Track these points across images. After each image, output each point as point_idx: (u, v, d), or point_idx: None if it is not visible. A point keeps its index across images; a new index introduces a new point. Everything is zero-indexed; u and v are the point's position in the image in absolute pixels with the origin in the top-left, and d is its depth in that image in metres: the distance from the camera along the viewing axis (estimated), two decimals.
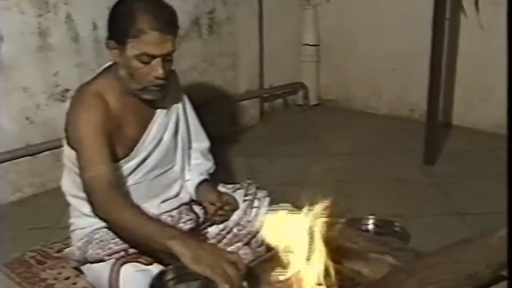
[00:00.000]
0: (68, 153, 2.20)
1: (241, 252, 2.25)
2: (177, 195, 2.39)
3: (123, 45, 2.09)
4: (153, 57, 2.08)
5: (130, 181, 2.25)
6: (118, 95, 2.18)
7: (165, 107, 2.30)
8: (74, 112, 2.13)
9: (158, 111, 2.29)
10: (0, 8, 3.04)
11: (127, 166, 2.22)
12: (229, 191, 2.42)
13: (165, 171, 2.36)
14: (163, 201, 2.34)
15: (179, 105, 2.40)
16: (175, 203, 2.36)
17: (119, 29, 2.09)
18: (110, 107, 2.15)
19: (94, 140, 2.08)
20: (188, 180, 2.44)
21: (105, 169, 2.04)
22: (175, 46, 2.14)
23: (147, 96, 2.17)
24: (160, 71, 2.10)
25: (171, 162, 2.38)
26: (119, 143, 2.18)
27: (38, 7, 3.18)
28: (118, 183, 2.10)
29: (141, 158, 2.25)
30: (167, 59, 2.12)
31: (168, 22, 2.12)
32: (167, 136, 2.31)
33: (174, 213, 2.31)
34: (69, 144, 2.17)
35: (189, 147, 2.47)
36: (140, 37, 2.05)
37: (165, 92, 2.27)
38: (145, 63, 2.08)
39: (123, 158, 2.20)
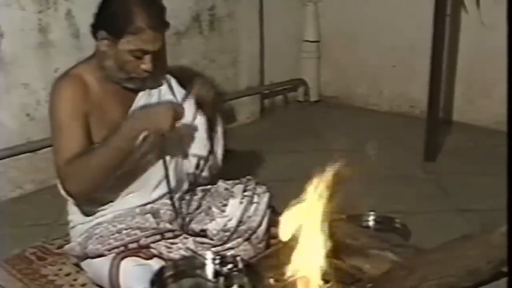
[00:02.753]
0: None
1: (241, 248, 2.25)
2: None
3: (116, 38, 2.12)
4: (147, 52, 2.15)
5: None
6: (99, 80, 2.23)
7: (147, 88, 2.32)
8: (53, 94, 2.19)
9: (140, 93, 2.32)
10: (0, 4, 3.04)
11: None
12: (228, 187, 2.42)
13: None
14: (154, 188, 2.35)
15: (163, 84, 2.42)
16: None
17: (115, 23, 2.14)
18: (89, 89, 2.20)
19: (69, 122, 2.12)
20: None
21: (76, 152, 2.08)
22: (163, 40, 2.24)
23: (131, 85, 2.24)
24: (149, 65, 2.17)
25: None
26: (100, 126, 2.19)
27: (38, 3, 3.18)
28: None
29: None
30: (156, 53, 2.19)
31: (161, 19, 2.19)
32: None
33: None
34: None
35: None
36: (138, 34, 2.11)
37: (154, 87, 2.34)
38: (138, 57, 2.15)
39: None
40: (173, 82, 2.44)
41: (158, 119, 2.08)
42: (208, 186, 2.49)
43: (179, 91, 2.44)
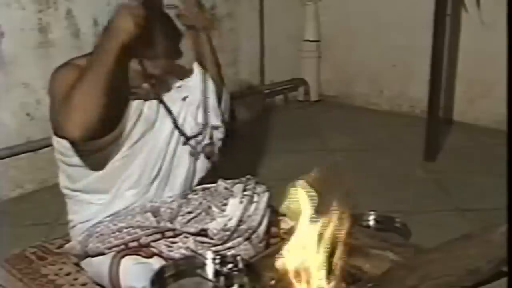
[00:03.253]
0: (56, 145, 2.22)
1: (241, 247, 2.25)
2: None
3: None
4: None
5: (117, 156, 2.26)
6: None
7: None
8: (52, 80, 2.17)
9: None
10: (0, 4, 3.04)
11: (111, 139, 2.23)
12: (228, 186, 2.42)
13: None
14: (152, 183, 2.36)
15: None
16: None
17: None
18: None
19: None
20: None
21: None
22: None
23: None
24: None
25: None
26: None
27: (38, 3, 3.18)
28: None
29: (124, 131, 2.25)
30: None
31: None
32: (147, 108, 2.32)
33: (174, 205, 2.32)
34: (55, 134, 2.18)
35: None
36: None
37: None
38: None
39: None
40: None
41: (121, 22, 2.03)
42: (208, 185, 2.49)
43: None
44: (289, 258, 1.88)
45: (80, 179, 2.29)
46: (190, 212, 2.31)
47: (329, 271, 1.89)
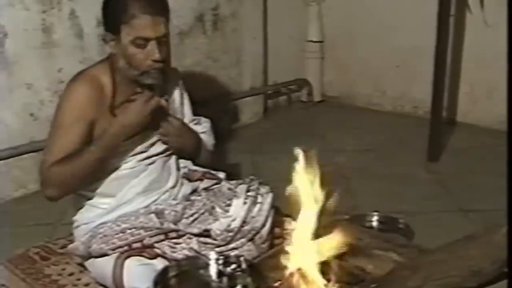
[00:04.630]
0: None
1: (245, 248, 2.25)
2: (173, 187, 2.41)
3: (117, 34, 2.14)
4: (147, 40, 2.12)
5: (126, 165, 2.28)
6: (116, 82, 2.23)
7: (164, 82, 2.29)
8: (66, 91, 2.21)
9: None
10: (4, 4, 3.04)
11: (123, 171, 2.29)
12: (232, 187, 2.43)
13: (162, 162, 2.39)
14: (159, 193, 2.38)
15: (176, 99, 2.48)
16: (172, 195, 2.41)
17: (111, 18, 2.15)
18: (105, 91, 2.21)
19: (69, 126, 2.14)
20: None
21: (60, 151, 2.12)
22: (168, 28, 2.19)
23: (148, 81, 2.21)
24: (156, 54, 2.14)
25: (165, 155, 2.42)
26: None
27: (42, 3, 3.18)
28: None
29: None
30: (162, 41, 2.16)
31: (158, 4, 2.15)
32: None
33: (178, 208, 2.32)
34: None
35: None
36: (132, 22, 2.10)
37: (165, 83, 2.33)
38: (141, 47, 2.13)
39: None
40: (186, 101, 2.52)
41: (134, 116, 2.14)
42: (212, 186, 2.50)
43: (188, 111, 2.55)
44: (292, 259, 1.88)
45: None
46: (194, 213, 2.31)
47: (331, 271, 1.90)
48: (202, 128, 2.56)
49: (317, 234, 1.90)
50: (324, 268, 1.88)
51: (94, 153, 2.12)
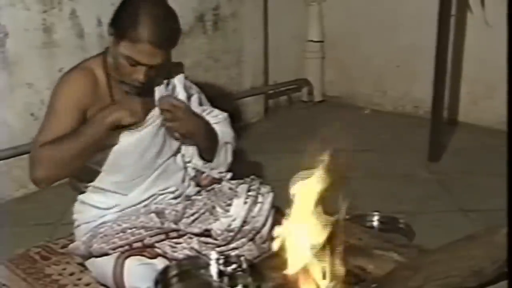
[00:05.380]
0: None
1: (245, 248, 2.25)
2: (176, 189, 2.40)
3: (119, 39, 2.12)
4: (140, 64, 2.11)
5: (127, 161, 2.27)
6: (110, 74, 2.23)
7: (137, 95, 2.24)
8: (59, 82, 2.21)
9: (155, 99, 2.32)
10: (5, 4, 3.05)
11: (123, 143, 2.25)
12: (233, 187, 2.43)
13: (166, 160, 2.37)
14: (161, 193, 2.37)
15: (180, 93, 2.43)
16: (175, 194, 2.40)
17: (120, 24, 2.13)
18: (99, 83, 2.21)
19: (62, 111, 2.14)
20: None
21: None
22: (166, 58, 2.18)
23: (125, 88, 2.21)
24: (140, 77, 2.14)
25: (172, 151, 2.39)
26: None
27: (42, 3, 3.18)
28: None
29: (137, 138, 2.27)
30: (154, 68, 2.15)
31: (166, 37, 2.13)
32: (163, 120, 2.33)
33: (179, 207, 2.32)
34: None
35: None
36: (134, 43, 2.08)
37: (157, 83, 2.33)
38: (131, 64, 2.12)
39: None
40: (178, 85, 2.44)
41: (127, 111, 2.12)
42: (213, 185, 2.49)
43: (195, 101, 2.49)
44: (293, 258, 1.88)
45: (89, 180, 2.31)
46: (194, 213, 2.31)
47: (332, 271, 1.89)
48: (215, 118, 2.51)
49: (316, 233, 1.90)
50: (325, 268, 1.88)
51: (78, 140, 2.08)
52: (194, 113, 2.38)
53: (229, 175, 2.54)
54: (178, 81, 2.43)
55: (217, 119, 2.51)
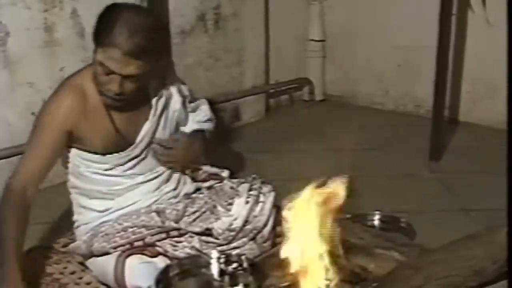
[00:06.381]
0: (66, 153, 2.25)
1: (246, 247, 2.25)
2: (175, 188, 2.41)
3: (96, 46, 2.09)
4: (114, 73, 2.05)
5: (126, 171, 2.28)
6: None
7: (119, 108, 2.21)
8: (48, 100, 2.21)
9: (152, 111, 2.30)
10: (6, 3, 3.05)
11: (123, 159, 2.26)
12: (234, 185, 2.43)
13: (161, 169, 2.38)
14: (160, 196, 2.38)
15: (177, 106, 2.41)
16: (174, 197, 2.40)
17: (97, 31, 2.10)
18: (87, 97, 2.16)
19: (43, 141, 2.13)
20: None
21: (31, 172, 2.13)
22: (142, 70, 2.07)
23: (106, 101, 2.15)
24: (114, 88, 2.08)
25: None
26: (96, 133, 2.20)
27: (44, 2, 3.18)
28: (35, 187, 2.19)
29: (135, 155, 2.28)
30: (131, 79, 2.07)
31: (141, 47, 2.02)
32: (159, 134, 2.33)
33: (180, 206, 2.32)
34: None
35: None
36: (106, 48, 2.04)
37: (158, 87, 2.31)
38: (106, 73, 2.06)
39: (115, 151, 2.24)
40: (175, 95, 2.41)
41: None
42: (214, 184, 2.50)
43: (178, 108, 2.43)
44: (293, 257, 1.88)
45: (87, 184, 2.31)
46: (195, 212, 2.31)
47: (333, 270, 1.89)
48: (203, 116, 2.53)
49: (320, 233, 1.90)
50: (326, 266, 1.88)
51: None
52: (189, 143, 2.42)
53: (225, 172, 2.56)
54: (174, 91, 2.40)
55: (204, 116, 2.54)
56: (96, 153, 2.23)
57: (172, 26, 3.75)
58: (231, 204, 2.31)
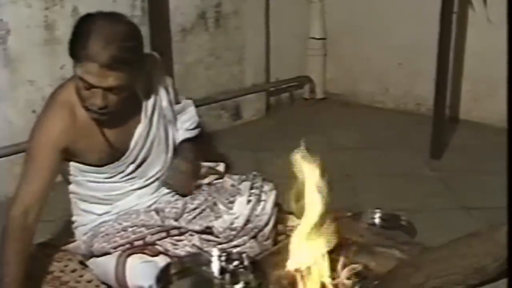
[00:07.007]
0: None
1: (247, 245, 2.25)
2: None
3: (73, 60, 2.05)
4: (93, 86, 2.01)
5: (124, 177, 2.29)
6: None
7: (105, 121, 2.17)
8: (38, 119, 2.16)
9: (142, 118, 2.28)
10: (6, 1, 3.05)
11: (120, 167, 2.26)
12: (235, 183, 2.42)
13: (159, 170, 2.37)
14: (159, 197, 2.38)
15: (156, 96, 2.35)
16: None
17: (72, 46, 2.06)
18: (76, 113, 2.12)
19: (42, 158, 2.10)
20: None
21: (31, 196, 2.10)
22: (123, 81, 2.02)
23: (93, 115, 2.11)
24: (97, 102, 2.03)
25: (164, 161, 2.39)
26: (91, 147, 2.18)
27: (44, 0, 3.18)
28: (37, 211, 2.14)
29: (131, 160, 2.28)
30: (113, 91, 2.03)
31: (117, 57, 1.98)
32: (150, 143, 2.31)
33: (179, 204, 2.32)
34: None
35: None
36: (82, 63, 1.99)
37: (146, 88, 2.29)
38: (86, 87, 2.02)
39: (109, 163, 2.23)
40: (164, 98, 2.37)
41: None
42: (213, 181, 2.49)
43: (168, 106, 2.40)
44: (294, 257, 1.88)
45: (86, 191, 2.31)
46: (195, 209, 2.31)
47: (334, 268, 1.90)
48: (191, 123, 2.49)
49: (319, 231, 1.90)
50: (327, 265, 1.88)
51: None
52: (190, 168, 2.43)
53: (221, 165, 2.55)
54: (163, 94, 2.37)
55: (192, 123, 2.51)
56: (92, 165, 2.22)
57: (173, 24, 3.75)
58: (232, 202, 2.31)
